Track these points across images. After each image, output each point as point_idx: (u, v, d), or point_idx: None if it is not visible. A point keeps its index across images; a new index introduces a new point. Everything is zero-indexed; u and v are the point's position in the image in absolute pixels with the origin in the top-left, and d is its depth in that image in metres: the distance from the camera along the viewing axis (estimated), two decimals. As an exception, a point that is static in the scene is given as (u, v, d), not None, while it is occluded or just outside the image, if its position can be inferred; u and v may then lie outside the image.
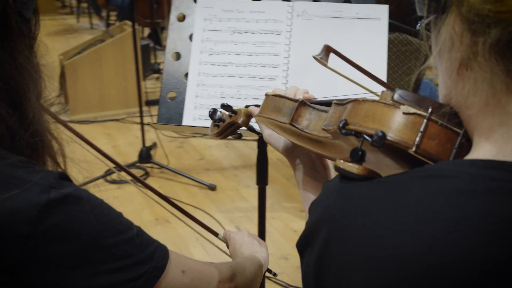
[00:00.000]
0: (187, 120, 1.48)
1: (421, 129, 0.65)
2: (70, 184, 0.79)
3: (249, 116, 1.16)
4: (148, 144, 3.83)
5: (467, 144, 0.66)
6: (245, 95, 1.48)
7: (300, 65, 1.48)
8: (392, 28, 2.74)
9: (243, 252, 1.27)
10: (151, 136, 3.99)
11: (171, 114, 1.50)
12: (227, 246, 1.36)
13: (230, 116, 1.19)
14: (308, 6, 1.51)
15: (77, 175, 0.92)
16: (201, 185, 3.46)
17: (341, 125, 0.70)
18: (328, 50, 0.96)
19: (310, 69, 1.49)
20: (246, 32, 1.51)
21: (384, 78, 1.47)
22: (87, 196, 0.79)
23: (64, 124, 1.10)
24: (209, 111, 1.21)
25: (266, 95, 1.02)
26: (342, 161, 0.67)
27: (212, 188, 3.43)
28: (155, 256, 0.86)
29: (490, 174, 0.59)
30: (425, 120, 0.65)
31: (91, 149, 1.28)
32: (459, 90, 0.65)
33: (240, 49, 1.50)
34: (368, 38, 1.50)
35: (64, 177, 0.79)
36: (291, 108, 0.93)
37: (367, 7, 1.51)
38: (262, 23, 1.51)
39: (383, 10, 1.51)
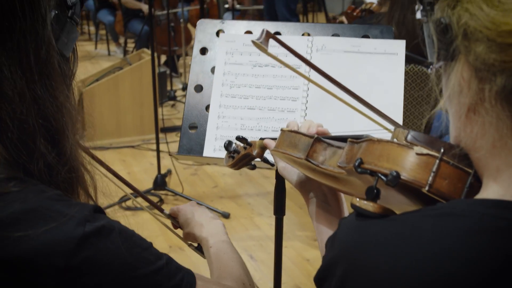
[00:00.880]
0: (208, 151, 1.51)
1: (434, 169, 0.68)
2: (104, 217, 0.83)
3: (263, 148, 1.20)
4: (163, 171, 3.86)
5: (477, 183, 0.69)
6: (265, 127, 1.51)
7: (318, 98, 1.52)
8: (408, 60, 2.77)
9: (197, 221, 1.31)
10: (166, 163, 4.03)
11: (192, 145, 1.53)
12: (173, 224, 1.41)
13: (245, 148, 1.23)
14: (327, 40, 1.55)
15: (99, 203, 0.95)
16: (214, 212, 3.48)
17: (356, 164, 0.73)
18: (268, 35, 0.98)
19: (329, 103, 1.52)
20: (266, 66, 1.55)
21: (400, 112, 1.50)
22: (119, 228, 0.83)
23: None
24: (225, 143, 1.25)
25: (281, 130, 1.05)
26: (357, 199, 0.70)
27: (226, 216, 3.45)
28: (182, 283, 0.89)
29: (499, 214, 0.62)
30: (437, 161, 0.68)
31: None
32: (468, 133, 0.69)
33: (260, 82, 1.54)
34: (386, 73, 1.53)
35: (98, 210, 0.83)
36: (306, 144, 0.96)
37: (384, 42, 1.54)
38: (282, 57, 1.55)
39: (400, 45, 1.54)
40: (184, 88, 5.81)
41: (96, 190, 0.94)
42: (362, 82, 1.51)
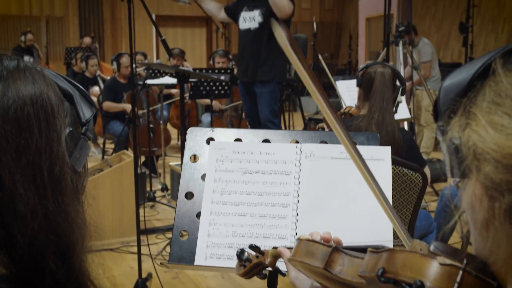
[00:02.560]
0: (199, 260, 1.49)
1: (458, 280, 0.69)
2: None
3: (276, 257, 1.20)
4: (143, 275, 3.76)
5: None
6: (256, 234, 1.51)
7: (309, 204, 1.53)
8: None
9: None
10: (146, 266, 3.94)
11: (183, 253, 1.52)
12: None
13: (257, 256, 1.23)
14: (315, 148, 1.59)
15: None
16: (198, 318, 3.37)
17: (379, 273, 0.74)
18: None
19: (319, 208, 1.53)
20: (256, 173, 1.57)
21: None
22: None
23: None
24: (237, 251, 1.25)
25: (299, 239, 1.06)
26: None
27: (209, 321, 3.34)
28: None
29: None
30: (460, 271, 0.69)
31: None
32: (483, 247, 0.70)
33: (251, 188, 1.55)
34: (373, 178, 1.56)
35: None
36: (324, 253, 0.97)
37: (371, 149, 1.59)
38: (272, 164, 1.58)
39: (386, 151, 1.59)
40: (164, 189, 5.79)
41: None
42: (351, 187, 1.54)
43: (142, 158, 6.83)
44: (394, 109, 3.21)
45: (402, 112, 4.24)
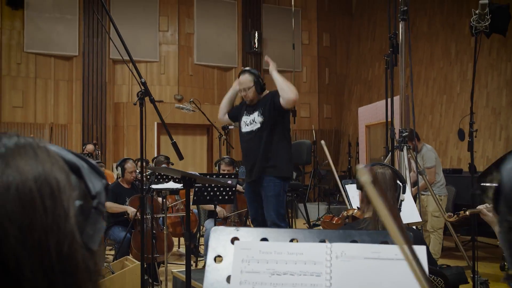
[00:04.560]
0: None
1: None
2: None
3: None
4: None
5: None
6: None
7: (342, 308, 1.44)
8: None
9: None
10: None
11: None
12: None
13: None
14: (346, 247, 1.52)
15: None
16: None
17: None
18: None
19: (354, 313, 1.44)
20: (285, 274, 1.49)
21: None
22: None
23: None
24: None
25: None
26: None
27: None
28: None
29: None
30: None
31: None
32: None
33: (280, 291, 1.46)
34: (408, 279, 1.48)
35: None
36: None
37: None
38: (301, 265, 1.50)
39: (422, 250, 1.51)
40: (166, 297, 5.58)
41: None
42: (386, 289, 1.45)
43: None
44: (398, 207, 3.16)
45: (413, 216, 4.18)
